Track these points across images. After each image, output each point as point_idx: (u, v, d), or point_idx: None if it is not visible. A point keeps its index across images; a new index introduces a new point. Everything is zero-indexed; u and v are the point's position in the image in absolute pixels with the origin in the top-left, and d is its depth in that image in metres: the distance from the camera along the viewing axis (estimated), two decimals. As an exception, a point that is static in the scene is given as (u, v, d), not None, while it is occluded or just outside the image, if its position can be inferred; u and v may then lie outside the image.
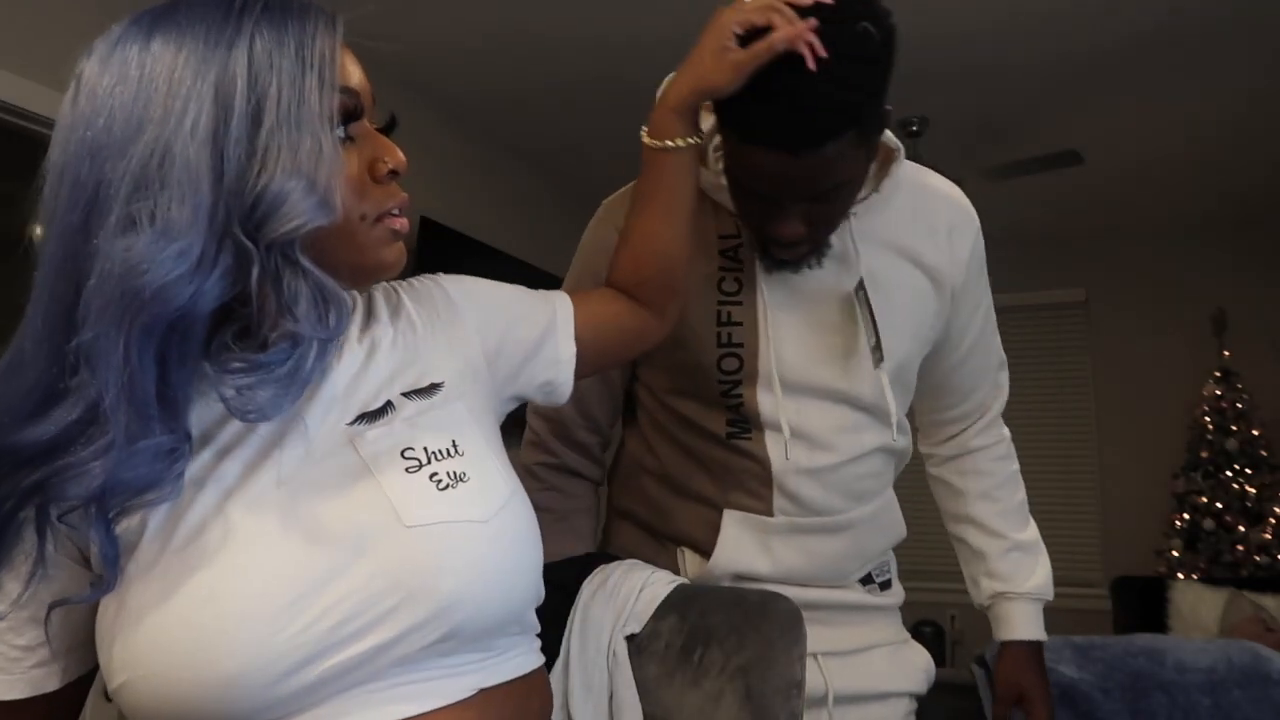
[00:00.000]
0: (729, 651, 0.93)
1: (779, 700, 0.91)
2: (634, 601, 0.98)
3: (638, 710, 0.92)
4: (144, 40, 0.63)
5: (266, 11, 0.64)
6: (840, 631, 1.16)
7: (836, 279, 1.09)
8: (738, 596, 1.00)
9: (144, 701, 0.61)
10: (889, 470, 1.22)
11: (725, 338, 1.10)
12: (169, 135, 0.59)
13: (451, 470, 0.68)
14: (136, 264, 0.58)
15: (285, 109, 0.61)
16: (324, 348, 0.65)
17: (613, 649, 0.95)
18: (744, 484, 1.13)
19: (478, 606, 0.66)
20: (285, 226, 0.60)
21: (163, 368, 0.61)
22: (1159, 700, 1.64)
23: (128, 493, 0.60)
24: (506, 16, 2.85)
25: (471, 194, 3.67)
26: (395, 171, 0.70)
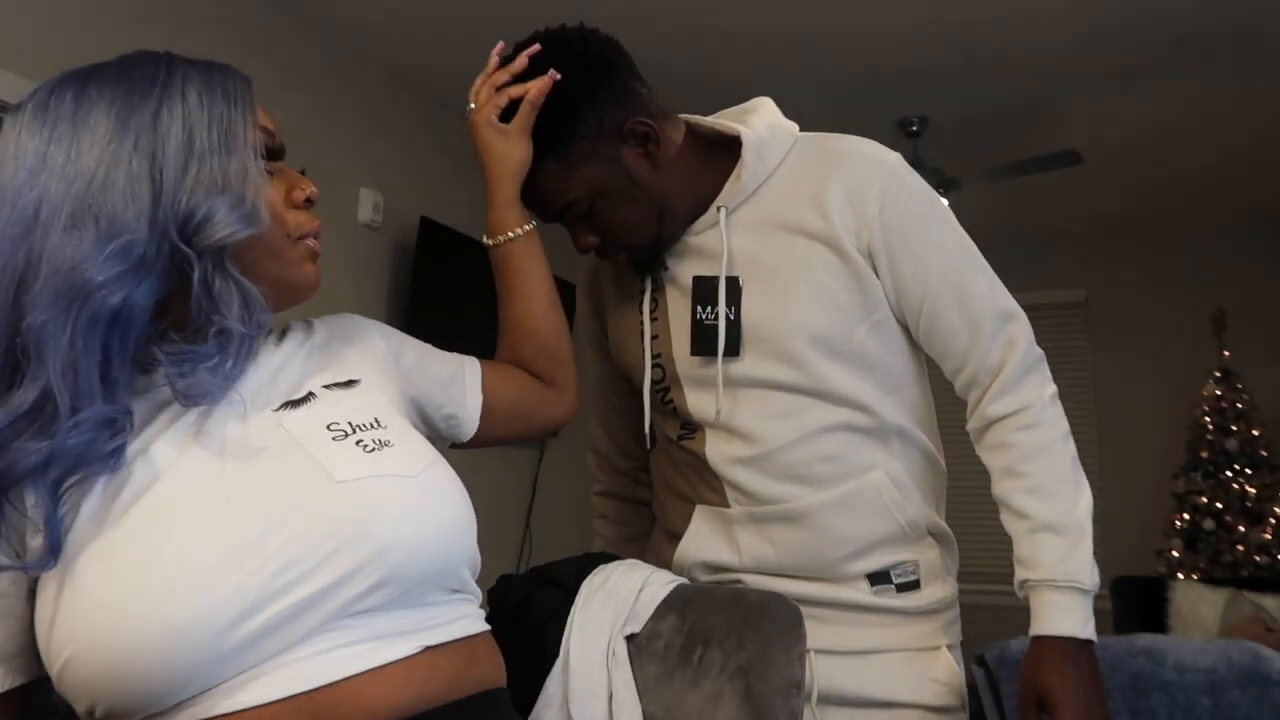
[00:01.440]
0: (729, 651, 0.93)
1: (779, 700, 0.91)
2: (634, 601, 0.98)
3: (637, 710, 0.92)
4: (79, 88, 0.73)
5: (194, 66, 0.76)
6: (839, 630, 1.13)
7: (710, 267, 1.15)
8: (738, 596, 1.00)
9: (92, 671, 0.62)
10: (863, 450, 1.12)
11: (655, 352, 1.19)
12: (112, 156, 0.69)
13: (376, 438, 0.74)
14: (84, 259, 0.66)
15: (216, 136, 0.72)
16: (250, 342, 0.74)
17: (612, 649, 0.95)
18: (704, 479, 1.17)
19: (411, 552, 0.70)
20: (216, 235, 0.70)
21: (106, 352, 0.68)
22: (1159, 700, 1.64)
23: (71, 459, 0.65)
24: (507, 15, 2.85)
25: (471, 194, 3.67)
26: (310, 200, 0.81)
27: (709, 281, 1.13)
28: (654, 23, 2.81)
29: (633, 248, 1.15)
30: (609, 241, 1.13)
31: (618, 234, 1.12)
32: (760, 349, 1.12)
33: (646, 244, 1.15)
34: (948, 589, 1.18)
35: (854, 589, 1.14)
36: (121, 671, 0.61)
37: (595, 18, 1.24)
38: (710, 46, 3.00)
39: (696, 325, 1.14)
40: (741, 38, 2.95)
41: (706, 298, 1.13)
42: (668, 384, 1.18)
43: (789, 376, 1.11)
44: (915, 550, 1.15)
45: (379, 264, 3.28)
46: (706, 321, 1.13)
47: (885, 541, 1.13)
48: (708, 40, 2.96)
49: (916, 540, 1.15)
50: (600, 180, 1.09)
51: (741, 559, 1.15)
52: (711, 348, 1.12)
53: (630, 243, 1.14)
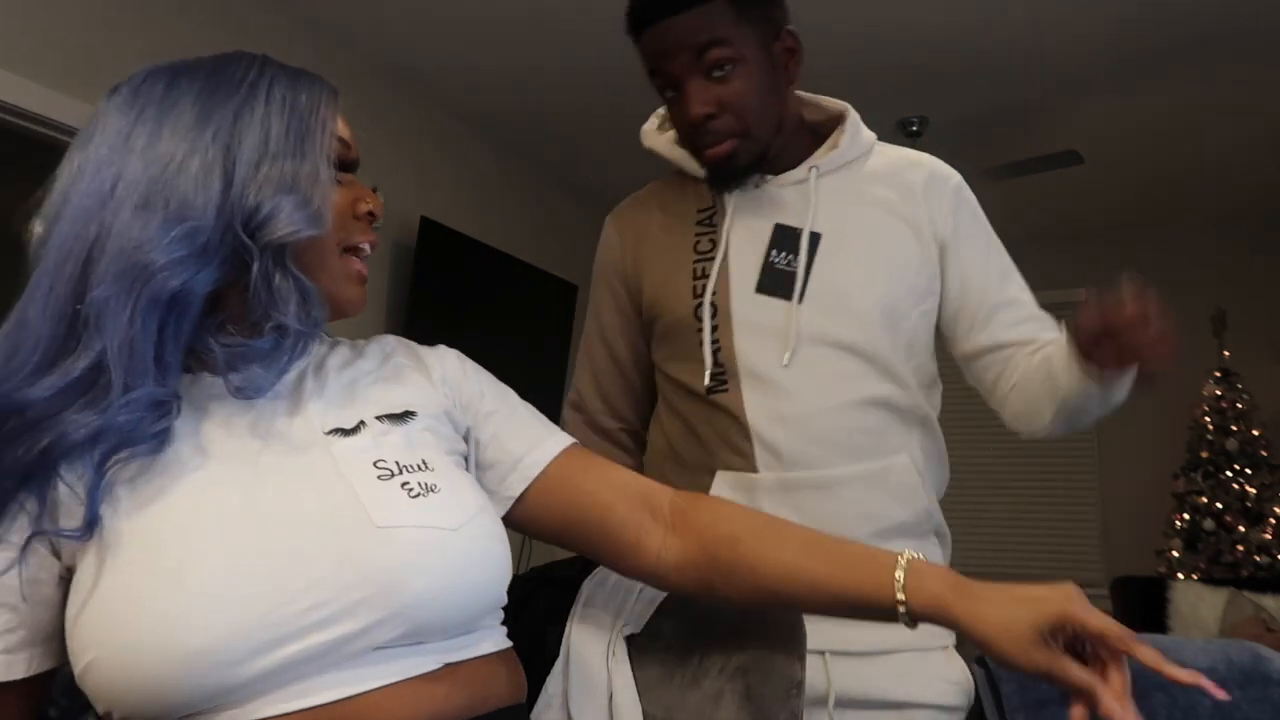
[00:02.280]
0: (729, 651, 0.93)
1: (779, 700, 0.91)
2: (634, 601, 0.98)
3: (637, 710, 0.92)
4: (172, 77, 0.75)
5: (284, 71, 0.78)
6: (853, 631, 1.08)
7: (798, 219, 1.16)
8: (738, 596, 1.00)
9: (111, 679, 0.62)
10: (896, 430, 1.15)
11: (699, 290, 1.16)
12: (190, 144, 0.71)
13: (422, 481, 0.72)
14: (150, 239, 0.68)
15: (292, 139, 0.74)
16: (304, 339, 0.74)
17: (612, 649, 0.95)
18: (729, 441, 1.14)
19: (441, 609, 0.69)
20: (280, 232, 0.70)
21: (161, 335, 0.69)
22: (1159, 700, 1.64)
23: (119, 435, 0.66)
24: (507, 15, 2.85)
25: (471, 194, 3.67)
26: (372, 214, 0.82)
27: (792, 231, 1.15)
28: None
29: (743, 140, 1.12)
30: (725, 119, 1.10)
31: (740, 113, 1.10)
32: (828, 304, 1.13)
33: (753, 150, 1.13)
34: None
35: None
36: (138, 685, 0.61)
37: (600, 18, 1.24)
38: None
39: (768, 266, 1.14)
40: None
41: (786, 245, 1.14)
42: (718, 322, 1.15)
43: (851, 336, 1.12)
44: (923, 545, 1.16)
45: (379, 264, 3.28)
46: (779, 265, 1.14)
47: (902, 528, 1.13)
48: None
49: (924, 535, 1.16)
50: (754, 47, 1.10)
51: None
52: (779, 289, 1.13)
53: (743, 130, 1.11)
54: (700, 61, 1.08)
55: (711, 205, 1.21)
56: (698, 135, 1.13)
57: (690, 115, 1.10)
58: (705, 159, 1.15)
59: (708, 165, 1.16)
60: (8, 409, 0.65)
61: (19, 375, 0.66)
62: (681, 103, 1.11)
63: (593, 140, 3.79)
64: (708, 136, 1.12)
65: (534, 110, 3.53)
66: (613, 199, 1.33)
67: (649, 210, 1.28)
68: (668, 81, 1.12)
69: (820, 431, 1.11)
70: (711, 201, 1.21)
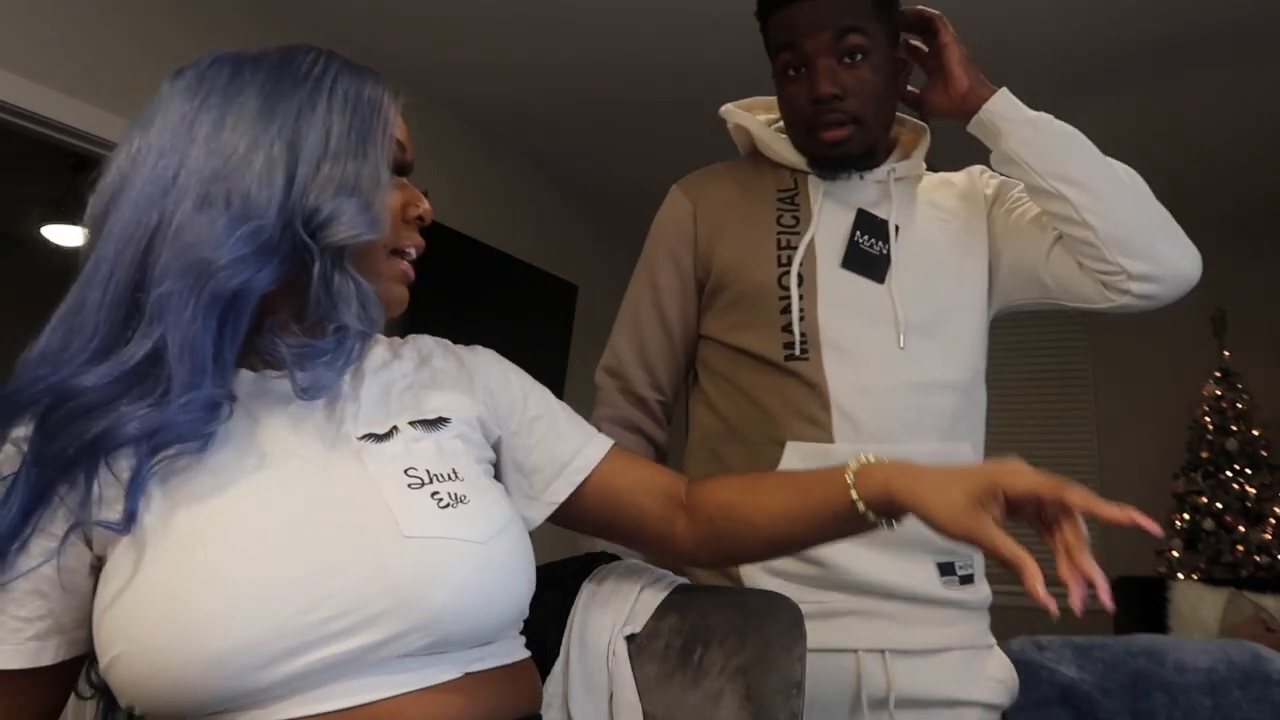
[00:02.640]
0: (729, 651, 0.93)
1: (779, 700, 0.91)
2: (634, 601, 0.98)
3: (637, 710, 0.92)
4: (237, 66, 0.75)
5: (348, 67, 0.78)
6: (911, 630, 1.12)
7: (876, 210, 1.21)
8: (738, 596, 1.00)
9: (136, 676, 0.62)
10: (961, 418, 1.17)
11: (785, 260, 1.19)
12: (254, 138, 0.71)
13: (452, 491, 0.73)
14: (214, 237, 0.68)
15: (353, 139, 0.74)
16: (364, 340, 0.75)
17: (613, 649, 0.95)
18: (804, 411, 1.14)
19: (465, 622, 0.69)
20: (341, 234, 0.71)
21: (220, 333, 0.69)
22: (1159, 700, 1.64)
23: (175, 434, 0.66)
24: (505, 14, 2.85)
25: (471, 194, 3.67)
26: (422, 218, 0.82)
27: (875, 218, 1.20)
28: (660, 15, 2.81)
29: (859, 127, 1.16)
30: (850, 102, 1.14)
31: (863, 101, 1.15)
32: (909, 288, 1.17)
33: (865, 140, 1.18)
34: (988, 586, 1.21)
35: (924, 570, 1.13)
36: (162, 684, 0.62)
37: (602, 16, 1.25)
38: (715, 52, 3.00)
39: (853, 246, 1.19)
40: (747, 41, 2.95)
41: (870, 230, 1.19)
42: (804, 291, 1.17)
43: (930, 319, 1.16)
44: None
45: (379, 264, 3.27)
46: (864, 246, 1.19)
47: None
48: (714, 44, 2.96)
49: None
50: (883, 44, 1.16)
51: None
52: (868, 269, 1.17)
53: (862, 117, 1.16)
54: (837, 44, 1.13)
55: (792, 187, 1.25)
56: (819, 115, 1.15)
57: (818, 91, 1.13)
58: (820, 140, 1.17)
59: (820, 146, 1.18)
60: (61, 396, 0.65)
61: (75, 361, 0.66)
62: (810, 80, 1.14)
63: (593, 140, 3.79)
64: (830, 115, 1.15)
65: (534, 110, 3.53)
66: (613, 199, 1.34)
67: (724, 182, 1.30)
68: (798, 58, 1.15)
69: (899, 408, 1.13)
70: (792, 183, 1.25)
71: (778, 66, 1.19)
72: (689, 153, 3.89)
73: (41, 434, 0.65)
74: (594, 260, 4.52)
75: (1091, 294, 1.17)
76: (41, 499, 0.66)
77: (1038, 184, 1.15)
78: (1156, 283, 1.15)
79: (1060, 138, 1.17)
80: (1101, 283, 1.15)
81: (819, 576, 1.11)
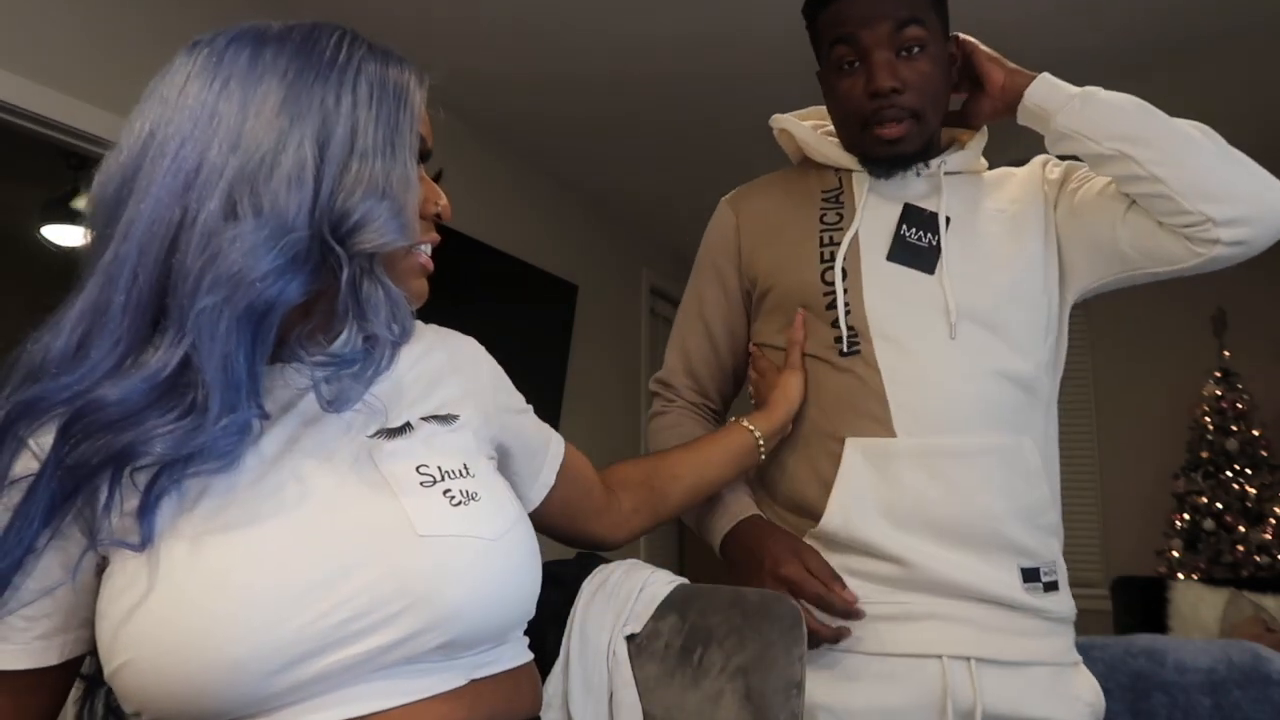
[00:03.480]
0: (729, 651, 0.93)
1: (779, 700, 0.91)
2: (634, 601, 0.98)
3: (637, 710, 0.92)
4: (257, 47, 0.71)
5: (372, 52, 0.73)
6: (997, 639, 1.06)
7: (924, 203, 1.17)
8: (738, 596, 1.00)
9: (145, 682, 0.61)
10: (1024, 412, 1.12)
11: (828, 255, 1.16)
12: (279, 138, 0.67)
13: (464, 489, 0.72)
14: (246, 250, 0.64)
15: (381, 136, 0.70)
16: (394, 349, 0.72)
17: (613, 648, 0.95)
18: (861, 406, 1.11)
19: (478, 619, 0.68)
20: (373, 241, 0.68)
21: (253, 348, 0.66)
22: (1159, 700, 1.64)
23: (208, 459, 0.64)
24: (504, 15, 2.85)
25: (471, 194, 3.67)
26: (439, 215, 0.80)
27: (921, 211, 1.17)
28: (657, 38, 2.81)
29: (916, 122, 1.13)
30: (908, 96, 1.11)
31: (921, 94, 1.12)
32: (962, 278, 1.13)
33: (922, 136, 1.15)
34: (1071, 599, 1.15)
35: (1006, 573, 1.08)
36: (172, 691, 0.61)
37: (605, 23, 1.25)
38: (716, 53, 3.00)
39: (899, 239, 1.15)
40: (745, 45, 2.95)
41: (917, 222, 1.16)
42: (848, 285, 1.14)
43: (986, 308, 1.12)
44: (1052, 547, 1.13)
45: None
46: (909, 239, 1.15)
47: (1033, 515, 1.10)
48: (714, 47, 2.96)
49: (1052, 535, 1.13)
50: (939, 37, 1.14)
51: (905, 498, 1.07)
52: (915, 261, 1.14)
53: (920, 111, 1.13)
54: (896, 36, 1.10)
55: (837, 186, 1.22)
56: (876, 110, 1.11)
57: (876, 84, 1.10)
58: (877, 137, 1.13)
59: (877, 143, 1.14)
60: (86, 407, 0.62)
61: (99, 369, 0.64)
62: (867, 73, 1.11)
63: (593, 140, 3.79)
64: (888, 111, 1.11)
65: (533, 110, 3.53)
66: (613, 199, 1.34)
67: (769, 192, 1.28)
68: (854, 51, 1.12)
69: (958, 399, 1.08)
70: (837, 183, 1.22)
71: (830, 63, 1.15)
72: (689, 153, 3.90)
73: (64, 443, 0.63)
74: (594, 260, 4.52)
75: (1177, 252, 1.09)
76: (61, 507, 0.64)
77: (1096, 151, 1.10)
78: (1246, 225, 1.08)
79: (1109, 102, 1.13)
80: (1185, 237, 1.07)
81: (899, 577, 1.07)
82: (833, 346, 1.13)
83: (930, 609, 1.06)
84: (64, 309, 0.67)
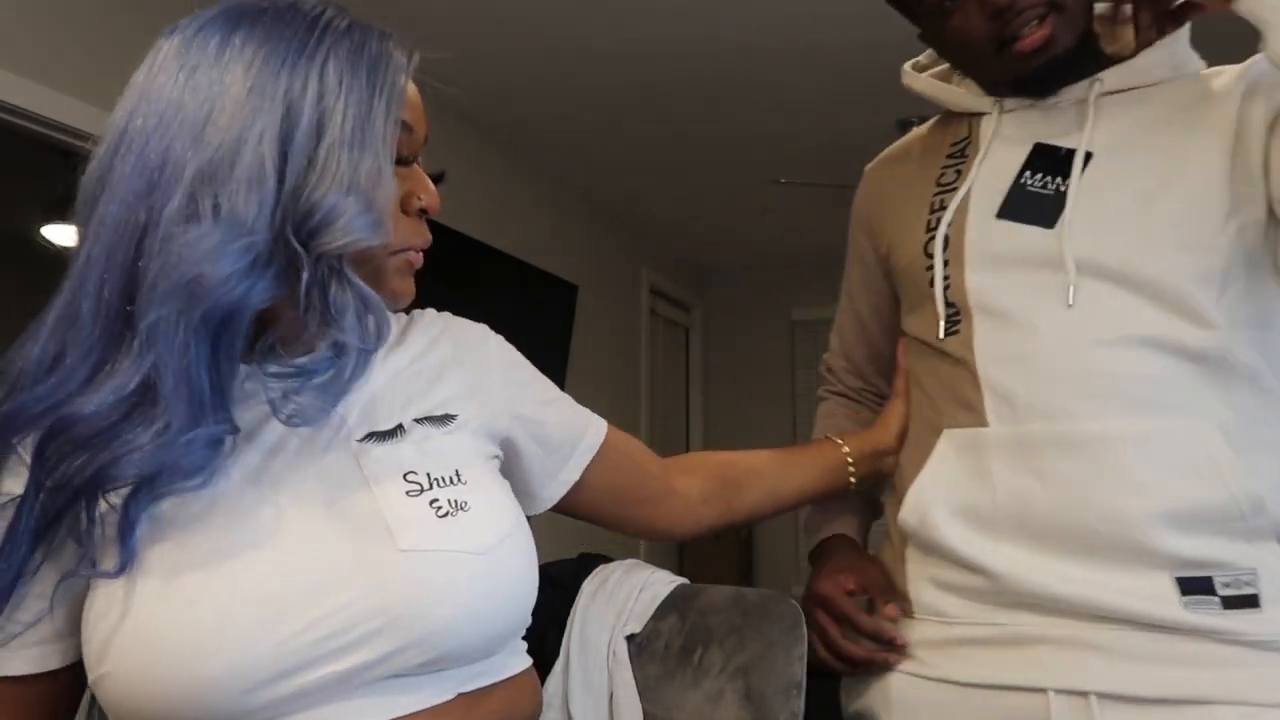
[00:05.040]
0: (729, 651, 0.93)
1: (779, 700, 0.91)
2: (634, 601, 0.98)
3: (638, 710, 0.92)
4: (226, 33, 0.66)
5: (348, 32, 0.67)
6: (1134, 669, 0.82)
7: (1063, 138, 0.96)
8: (738, 596, 1.00)
9: (121, 695, 0.61)
10: (1191, 385, 0.85)
11: (933, 223, 1.00)
12: (240, 132, 0.62)
13: (453, 498, 0.69)
14: (203, 255, 0.60)
15: (351, 127, 0.64)
16: (365, 358, 0.66)
17: (613, 649, 0.95)
18: (957, 393, 0.94)
19: (463, 638, 0.66)
20: (338, 240, 0.62)
21: (215, 357, 0.62)
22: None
23: (178, 476, 0.61)
24: (503, 17, 2.86)
25: (471, 194, 3.67)
26: (425, 210, 0.73)
27: (1054, 150, 0.96)
28: (658, 39, 2.81)
29: (1059, 14, 0.91)
30: (1059, 27, 0.90)
31: (1073, 17, 0.91)
32: (1095, 226, 0.91)
33: (1073, 28, 0.92)
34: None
35: (1154, 584, 0.82)
36: (149, 706, 0.61)
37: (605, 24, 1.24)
38: (715, 57, 3.00)
39: (1016, 189, 0.95)
40: (745, 47, 2.95)
41: (1045, 166, 0.95)
42: (949, 256, 0.97)
43: (1124, 260, 0.88)
44: (1254, 550, 0.82)
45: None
46: (1031, 187, 0.95)
47: (1209, 519, 0.82)
48: (713, 50, 2.97)
49: (1257, 536, 0.83)
50: None
51: (996, 498, 0.88)
52: (1030, 214, 0.93)
53: (1074, 29, 0.92)
54: None
55: (965, 136, 1.04)
56: (1006, 23, 0.90)
57: (1027, 42, 0.89)
58: (1018, 53, 0.91)
59: (1021, 61, 0.92)
60: (59, 423, 0.61)
61: (72, 380, 0.62)
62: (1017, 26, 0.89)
63: (592, 140, 3.79)
64: (1018, 18, 0.89)
65: (532, 110, 3.53)
66: (613, 199, 1.33)
67: (904, 152, 1.13)
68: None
69: (1073, 374, 0.87)
70: (966, 132, 1.04)
71: (929, 8, 0.95)
72: (690, 153, 3.90)
73: (40, 463, 0.62)
74: (594, 260, 4.52)
75: None
76: (47, 531, 0.63)
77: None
78: None
79: None
80: None
81: (986, 590, 0.88)
82: (937, 327, 0.97)
83: (1040, 631, 0.86)
84: (43, 314, 0.65)
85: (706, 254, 5.56)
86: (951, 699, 0.89)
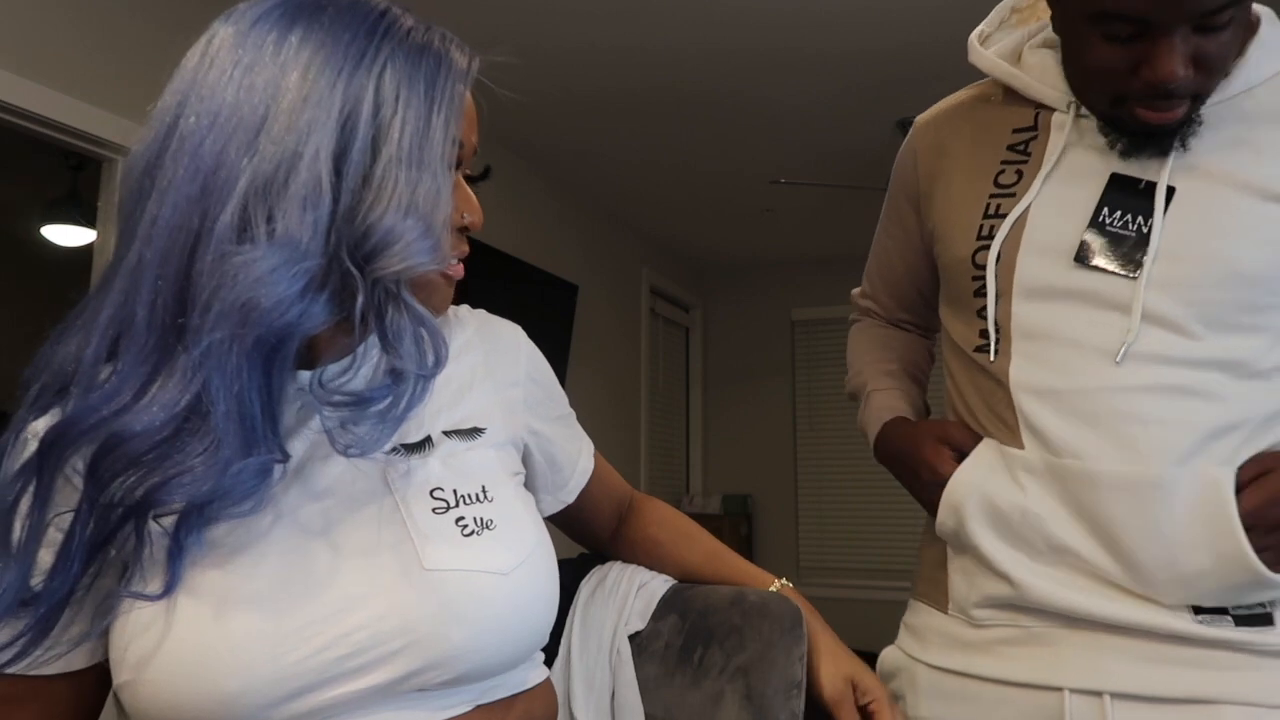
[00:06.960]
0: (729, 651, 0.93)
1: (779, 700, 0.91)
2: (634, 600, 0.98)
3: (639, 710, 0.92)
4: (284, 29, 0.62)
5: (408, 40, 0.64)
6: (1151, 670, 0.83)
7: (1142, 169, 0.89)
8: (738, 596, 1.00)
9: (142, 704, 0.61)
10: (1228, 435, 0.83)
11: (987, 230, 0.94)
12: (295, 145, 0.59)
13: (478, 516, 0.68)
14: (257, 278, 0.57)
15: (408, 144, 0.61)
16: (424, 384, 0.64)
17: (616, 647, 0.95)
18: (994, 410, 0.93)
19: (485, 657, 0.66)
20: (396, 265, 0.60)
21: (268, 382, 0.61)
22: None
23: (228, 503, 0.60)
24: (502, 21, 2.86)
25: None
26: (468, 227, 0.72)
27: (1136, 184, 0.88)
28: (661, 47, 2.82)
29: (1195, 102, 0.85)
30: (1196, 79, 0.83)
31: (1211, 74, 0.84)
32: (1163, 273, 0.86)
33: (1194, 111, 0.86)
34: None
35: (1168, 613, 0.84)
36: (171, 715, 0.61)
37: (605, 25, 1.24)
38: (716, 61, 3.01)
39: (1096, 229, 0.88)
40: (746, 50, 2.95)
41: (1125, 203, 0.88)
42: (998, 272, 0.92)
43: (1184, 314, 0.84)
44: (1271, 592, 0.83)
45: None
46: (1111, 227, 0.88)
47: (1230, 575, 0.82)
48: (713, 55, 2.97)
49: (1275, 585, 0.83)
50: (1244, 7, 0.83)
51: (1026, 516, 0.88)
52: (1111, 259, 0.87)
53: (1203, 91, 0.85)
54: (1209, 19, 0.80)
55: (1031, 126, 0.96)
56: (1149, 91, 0.84)
57: (1161, 74, 0.81)
58: (1138, 116, 0.86)
59: (1135, 121, 0.87)
60: (111, 440, 0.59)
61: (124, 392, 0.59)
62: (1151, 55, 0.81)
63: (593, 140, 3.79)
64: (1169, 99, 0.84)
65: (534, 112, 3.53)
66: (613, 199, 1.32)
67: (961, 115, 1.05)
68: (1137, 29, 0.81)
69: (1109, 416, 0.84)
70: (1032, 121, 0.96)
71: (1088, 17, 0.84)
72: (690, 154, 3.90)
73: (93, 480, 0.60)
74: (594, 260, 4.52)
75: None
76: (98, 553, 0.62)
77: None
78: None
79: None
80: None
81: (1013, 596, 0.90)
82: (974, 338, 0.95)
83: (1060, 635, 0.87)
84: (88, 309, 0.63)
85: (707, 254, 5.57)
86: (970, 690, 0.93)
